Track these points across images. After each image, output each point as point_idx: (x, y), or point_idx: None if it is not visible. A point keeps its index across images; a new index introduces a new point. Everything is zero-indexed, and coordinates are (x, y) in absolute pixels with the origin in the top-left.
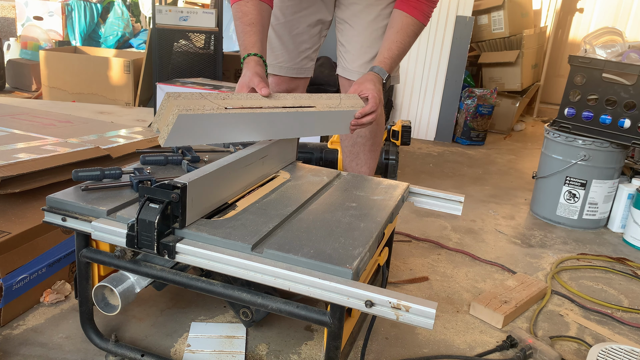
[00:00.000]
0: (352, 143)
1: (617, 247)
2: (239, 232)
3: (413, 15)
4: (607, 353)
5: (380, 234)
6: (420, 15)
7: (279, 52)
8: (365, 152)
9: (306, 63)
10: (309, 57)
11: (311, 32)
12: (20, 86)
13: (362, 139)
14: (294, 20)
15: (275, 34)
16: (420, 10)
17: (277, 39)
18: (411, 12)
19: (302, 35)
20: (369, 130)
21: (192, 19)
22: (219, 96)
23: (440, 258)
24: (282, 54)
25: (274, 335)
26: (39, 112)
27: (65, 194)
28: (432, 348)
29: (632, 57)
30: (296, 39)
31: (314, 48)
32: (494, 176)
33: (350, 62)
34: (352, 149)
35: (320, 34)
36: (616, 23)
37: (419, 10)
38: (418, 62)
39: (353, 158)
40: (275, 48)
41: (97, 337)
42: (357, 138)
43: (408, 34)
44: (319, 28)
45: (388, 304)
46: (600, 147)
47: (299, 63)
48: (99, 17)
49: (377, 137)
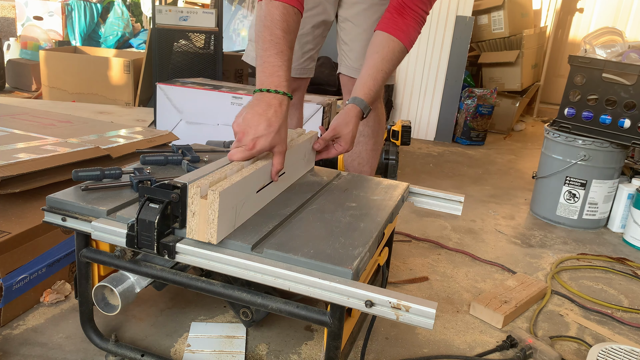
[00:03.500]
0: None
1: (617, 247)
2: (239, 231)
3: (401, 40)
4: (607, 353)
5: (380, 234)
6: (407, 41)
7: None
8: (367, 151)
9: (309, 63)
10: (312, 57)
11: (315, 33)
12: (20, 86)
13: (365, 137)
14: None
15: None
16: (408, 35)
17: None
18: (399, 36)
19: (307, 37)
20: (372, 129)
21: (192, 19)
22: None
23: (440, 258)
24: None
25: (274, 335)
26: (39, 112)
27: (65, 194)
28: (432, 348)
29: (632, 57)
30: (301, 40)
31: (316, 49)
32: (494, 176)
33: (354, 61)
34: (354, 148)
35: (322, 34)
36: (616, 23)
37: (406, 34)
38: (418, 62)
39: (355, 157)
40: None
41: (97, 337)
42: (360, 137)
43: (394, 62)
44: (322, 29)
45: (388, 304)
46: (600, 147)
47: (303, 64)
48: (99, 17)
49: (379, 135)
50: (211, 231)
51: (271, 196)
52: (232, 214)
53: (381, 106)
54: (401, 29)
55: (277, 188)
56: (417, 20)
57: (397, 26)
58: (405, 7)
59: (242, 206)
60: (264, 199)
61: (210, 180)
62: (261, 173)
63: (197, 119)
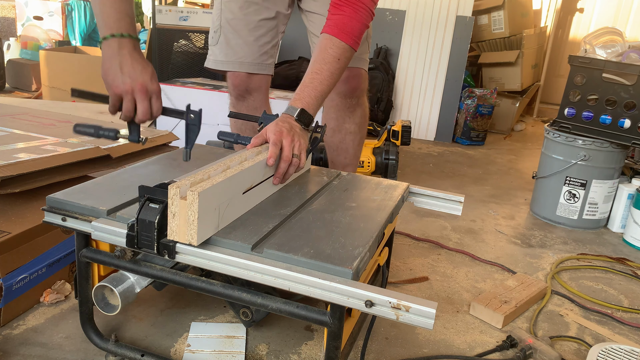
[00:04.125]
0: (341, 139)
1: (617, 247)
2: (239, 231)
3: (347, 42)
4: (607, 353)
5: (380, 234)
6: (352, 41)
7: (237, 48)
8: (354, 147)
9: (266, 59)
10: (268, 52)
11: (268, 25)
12: (20, 86)
13: (352, 135)
14: (251, 13)
15: (232, 29)
16: (351, 34)
17: (234, 34)
18: (344, 38)
19: (259, 30)
20: (358, 126)
21: (192, 19)
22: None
23: (440, 258)
24: (242, 49)
25: (274, 335)
26: (39, 112)
27: (65, 194)
28: (432, 348)
29: (632, 57)
30: (254, 33)
31: (272, 43)
32: (494, 176)
33: None
34: (341, 144)
35: (277, 28)
36: (616, 23)
37: (349, 35)
38: (418, 62)
39: (341, 152)
40: (233, 44)
41: (97, 337)
42: (347, 135)
43: (341, 67)
44: (276, 22)
45: (388, 304)
46: (600, 147)
47: (259, 58)
48: None
49: (364, 129)
50: (191, 232)
51: (261, 197)
52: (214, 214)
53: (365, 100)
54: (347, 30)
55: (268, 189)
56: (355, 8)
57: (342, 27)
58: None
59: (227, 207)
60: (253, 199)
61: (191, 180)
62: (248, 173)
63: None
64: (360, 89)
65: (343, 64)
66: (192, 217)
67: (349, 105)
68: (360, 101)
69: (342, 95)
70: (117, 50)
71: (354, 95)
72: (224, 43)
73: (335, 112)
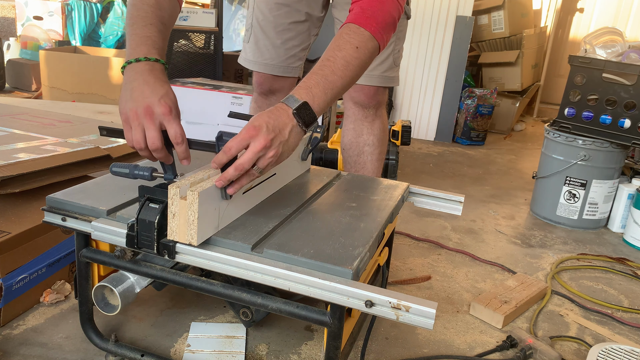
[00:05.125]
0: (358, 152)
1: (617, 247)
2: (239, 232)
3: (367, 28)
4: (607, 353)
5: (380, 234)
6: (374, 28)
7: (264, 49)
8: (373, 162)
9: (293, 62)
10: (297, 55)
11: (299, 28)
12: (20, 86)
13: (370, 147)
14: (280, 16)
15: (261, 30)
16: (373, 20)
17: (263, 35)
18: (364, 23)
19: (288, 33)
20: (377, 138)
21: (192, 19)
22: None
23: (440, 258)
24: (269, 51)
25: (274, 335)
26: (39, 112)
27: (65, 194)
28: (432, 348)
29: (632, 57)
30: (282, 36)
31: (302, 46)
32: (494, 176)
33: None
34: (359, 159)
35: (309, 31)
36: (616, 23)
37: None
38: (418, 62)
39: (359, 169)
40: (261, 45)
41: (97, 337)
42: (365, 147)
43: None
44: (307, 25)
45: (388, 304)
46: (600, 147)
47: (286, 61)
48: (99, 17)
49: (383, 145)
50: (191, 232)
51: (261, 197)
52: (214, 214)
53: (384, 113)
54: (354, 12)
55: (269, 189)
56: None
57: (350, 14)
58: None
59: (227, 207)
60: (253, 199)
61: (191, 180)
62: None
63: (197, 118)
64: (378, 100)
65: (363, 55)
66: (192, 217)
67: (367, 116)
68: (378, 112)
69: (359, 104)
70: (131, 76)
71: (371, 106)
72: (253, 43)
73: (353, 123)
